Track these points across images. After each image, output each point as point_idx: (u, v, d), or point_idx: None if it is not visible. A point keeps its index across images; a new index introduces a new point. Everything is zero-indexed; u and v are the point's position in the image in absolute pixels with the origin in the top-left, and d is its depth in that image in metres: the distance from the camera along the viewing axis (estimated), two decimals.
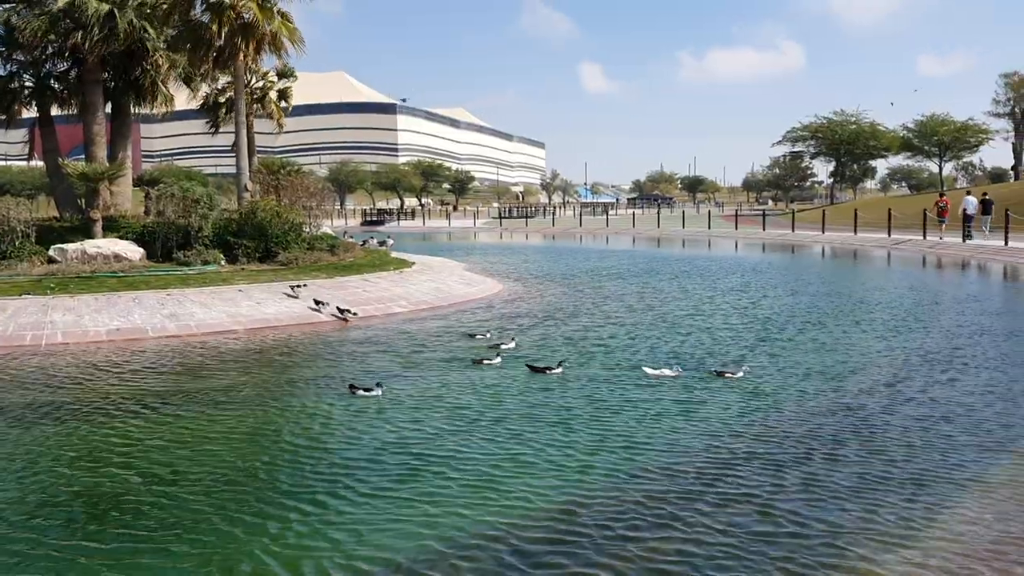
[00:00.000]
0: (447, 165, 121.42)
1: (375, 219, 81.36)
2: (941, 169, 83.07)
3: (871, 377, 10.73)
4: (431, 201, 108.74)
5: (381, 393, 9.79)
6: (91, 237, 20.10)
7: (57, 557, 5.56)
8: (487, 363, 11.54)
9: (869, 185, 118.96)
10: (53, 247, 19.32)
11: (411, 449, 7.81)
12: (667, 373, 10.68)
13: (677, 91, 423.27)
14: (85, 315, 14.73)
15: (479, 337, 13.78)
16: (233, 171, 25.02)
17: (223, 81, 28.92)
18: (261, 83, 29.79)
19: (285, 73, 29.92)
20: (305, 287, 17.53)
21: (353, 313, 16.06)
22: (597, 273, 26.37)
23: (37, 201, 49.83)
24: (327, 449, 7.94)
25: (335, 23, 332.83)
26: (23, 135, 26.42)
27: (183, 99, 27.56)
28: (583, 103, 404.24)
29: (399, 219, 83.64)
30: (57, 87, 24.69)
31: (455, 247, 44.35)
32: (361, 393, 9.82)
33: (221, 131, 30.72)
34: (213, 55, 22.54)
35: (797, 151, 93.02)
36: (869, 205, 61.33)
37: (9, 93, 24.02)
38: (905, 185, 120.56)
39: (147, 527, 6.04)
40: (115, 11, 21.53)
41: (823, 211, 53.77)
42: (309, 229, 23.49)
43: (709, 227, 54.45)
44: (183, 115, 41.53)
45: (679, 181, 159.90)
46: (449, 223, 77.05)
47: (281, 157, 36.76)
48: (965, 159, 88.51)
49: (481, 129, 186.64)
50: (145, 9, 22.62)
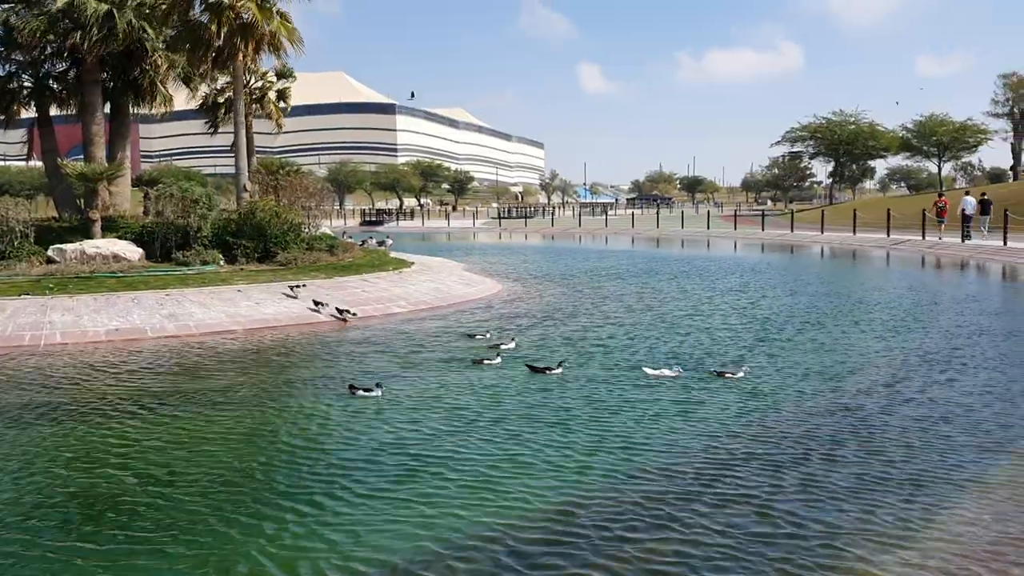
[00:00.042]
0: (446, 165, 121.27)
1: (374, 219, 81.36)
2: (940, 169, 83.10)
3: (870, 377, 10.73)
4: (430, 201, 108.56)
5: (381, 393, 9.78)
6: (90, 237, 20.09)
7: (52, 558, 5.54)
8: (487, 363, 11.55)
9: (868, 185, 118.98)
10: (52, 247, 19.31)
11: (409, 450, 7.79)
12: (667, 373, 10.68)
13: (676, 92, 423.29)
14: (84, 315, 14.72)
15: (478, 337, 13.77)
16: (232, 171, 24.99)
17: (222, 81, 28.93)
18: (260, 83, 29.78)
19: (284, 73, 29.94)
20: (304, 287, 17.51)
21: (352, 313, 16.05)
22: (596, 273, 26.36)
23: (36, 201, 49.92)
24: (324, 450, 7.93)
25: (334, 23, 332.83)
26: (22, 135, 26.41)
27: (182, 99, 27.54)
28: (582, 103, 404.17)
29: (398, 219, 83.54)
30: (56, 87, 24.68)
31: (454, 247, 44.33)
32: (361, 393, 9.81)
33: (220, 131, 30.72)
34: (212, 55, 22.56)
35: (796, 151, 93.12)
36: (868, 205, 61.35)
37: (8, 93, 24.02)
38: (904, 185, 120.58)
39: (143, 528, 6.03)
40: (114, 11, 21.50)
41: (822, 211, 53.80)
42: (308, 229, 23.49)
43: (708, 227, 54.50)
44: (182, 115, 41.59)
45: (678, 181, 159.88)
46: (448, 223, 76.97)
47: (280, 157, 36.73)
48: (964, 159, 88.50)
49: (480, 129, 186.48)
50: (144, 9, 22.59)
